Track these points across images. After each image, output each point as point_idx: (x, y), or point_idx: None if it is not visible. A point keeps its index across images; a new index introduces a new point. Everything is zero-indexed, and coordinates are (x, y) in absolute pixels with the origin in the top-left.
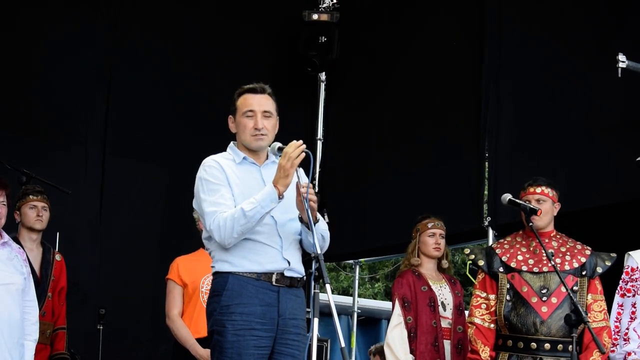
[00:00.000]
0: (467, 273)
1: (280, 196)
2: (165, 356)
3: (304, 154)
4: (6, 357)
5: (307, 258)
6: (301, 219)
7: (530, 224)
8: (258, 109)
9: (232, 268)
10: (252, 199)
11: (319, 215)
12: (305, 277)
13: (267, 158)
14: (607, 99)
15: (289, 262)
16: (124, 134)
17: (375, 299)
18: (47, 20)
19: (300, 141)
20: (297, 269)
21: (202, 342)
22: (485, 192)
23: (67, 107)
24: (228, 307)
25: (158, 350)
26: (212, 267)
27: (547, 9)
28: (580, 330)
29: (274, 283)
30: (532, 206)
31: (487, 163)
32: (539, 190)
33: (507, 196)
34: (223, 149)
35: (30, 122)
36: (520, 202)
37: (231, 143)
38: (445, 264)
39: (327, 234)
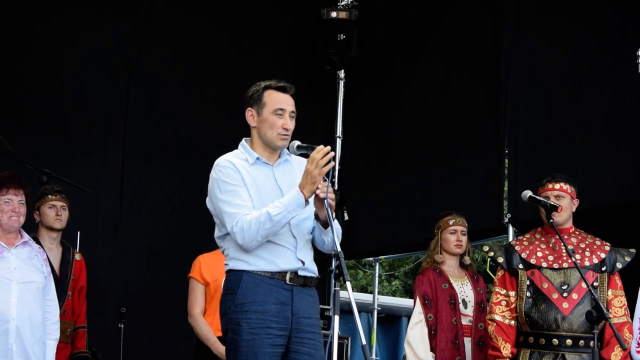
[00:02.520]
0: (488, 270)
1: (306, 202)
2: (187, 354)
3: (332, 163)
4: (29, 355)
5: (319, 258)
6: (317, 217)
7: (551, 220)
8: (288, 108)
9: (247, 266)
10: (277, 203)
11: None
12: (318, 277)
13: (279, 157)
14: (629, 96)
15: (303, 262)
16: (143, 133)
17: (394, 296)
18: (67, 23)
19: (328, 147)
20: (310, 269)
21: (222, 340)
22: (505, 189)
23: (87, 107)
24: (243, 306)
25: (180, 349)
26: (226, 264)
27: (568, 2)
28: (601, 326)
29: (287, 282)
30: (552, 203)
31: (507, 160)
32: (557, 186)
33: (528, 193)
34: None
35: (50, 122)
36: (541, 198)
37: (242, 141)
38: (467, 260)
39: (340, 232)
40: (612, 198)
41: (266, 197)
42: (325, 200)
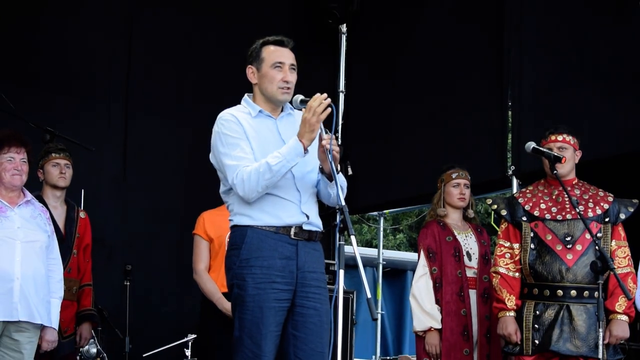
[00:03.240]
0: (492, 223)
1: (306, 150)
2: (192, 310)
3: (330, 109)
4: (34, 313)
5: (323, 213)
6: (322, 170)
7: (555, 171)
8: (287, 61)
9: (251, 221)
10: (276, 153)
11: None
12: (323, 232)
13: (282, 111)
14: (632, 46)
15: (307, 216)
16: (146, 90)
17: (398, 250)
18: None
19: (325, 94)
20: (315, 223)
21: (227, 296)
22: (509, 141)
23: (89, 64)
24: (248, 261)
25: (185, 305)
26: (230, 220)
27: None
28: (606, 277)
29: (292, 236)
30: (556, 154)
31: (510, 112)
32: (560, 138)
33: (531, 144)
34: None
35: (53, 80)
36: (545, 150)
37: (245, 96)
38: (470, 213)
39: (345, 185)
40: (615, 149)
41: (269, 149)
42: (329, 155)
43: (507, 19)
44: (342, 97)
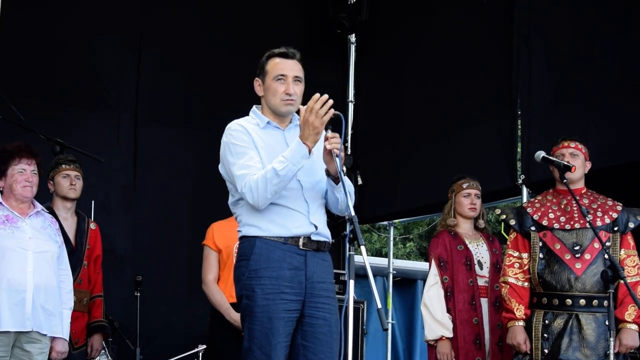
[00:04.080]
0: (502, 232)
1: (310, 152)
2: (202, 321)
3: (332, 111)
4: (45, 324)
5: (333, 223)
6: (327, 172)
7: (565, 180)
8: (290, 74)
9: (259, 232)
10: (280, 158)
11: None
12: (331, 242)
13: (290, 122)
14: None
15: (316, 227)
16: (155, 100)
17: (408, 259)
18: None
19: (326, 95)
20: (324, 233)
21: (235, 306)
22: (519, 150)
23: (99, 74)
24: (256, 272)
25: (195, 315)
26: (239, 231)
27: None
28: (615, 286)
29: (301, 247)
30: (566, 163)
31: (520, 121)
32: (573, 144)
33: (541, 153)
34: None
35: (62, 91)
36: (554, 159)
37: (254, 107)
38: (481, 223)
39: (352, 191)
40: (623, 157)
41: None
42: (338, 158)
43: (516, 28)
44: (351, 106)
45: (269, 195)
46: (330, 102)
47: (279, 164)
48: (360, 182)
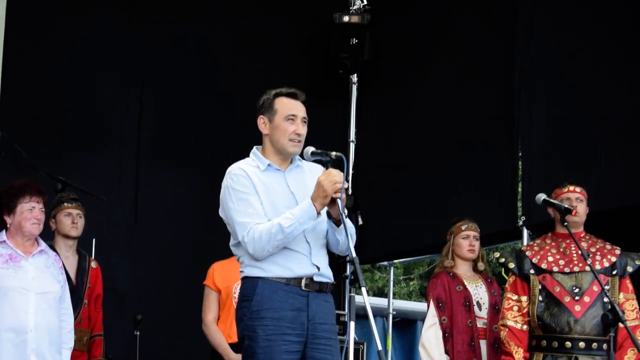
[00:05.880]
0: (503, 273)
1: (318, 214)
2: None
3: (345, 184)
4: None
5: (334, 263)
6: (329, 215)
7: (565, 223)
8: (299, 114)
9: (262, 273)
10: (289, 214)
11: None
12: (334, 283)
13: (290, 163)
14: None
15: (318, 268)
16: (157, 140)
17: (410, 297)
18: (78, 25)
19: (341, 175)
20: (326, 274)
21: (234, 347)
22: (519, 191)
23: (101, 113)
24: (259, 312)
25: (195, 355)
26: (241, 272)
27: (577, 12)
28: (615, 329)
29: (303, 288)
30: (567, 206)
31: (520, 162)
32: (578, 189)
33: (542, 196)
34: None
35: (64, 128)
36: (555, 201)
37: (254, 148)
38: (481, 266)
39: (353, 232)
40: (626, 199)
41: (278, 203)
42: (339, 200)
43: (517, 68)
44: (352, 146)
45: (271, 249)
46: (345, 185)
47: (286, 220)
48: (360, 222)
